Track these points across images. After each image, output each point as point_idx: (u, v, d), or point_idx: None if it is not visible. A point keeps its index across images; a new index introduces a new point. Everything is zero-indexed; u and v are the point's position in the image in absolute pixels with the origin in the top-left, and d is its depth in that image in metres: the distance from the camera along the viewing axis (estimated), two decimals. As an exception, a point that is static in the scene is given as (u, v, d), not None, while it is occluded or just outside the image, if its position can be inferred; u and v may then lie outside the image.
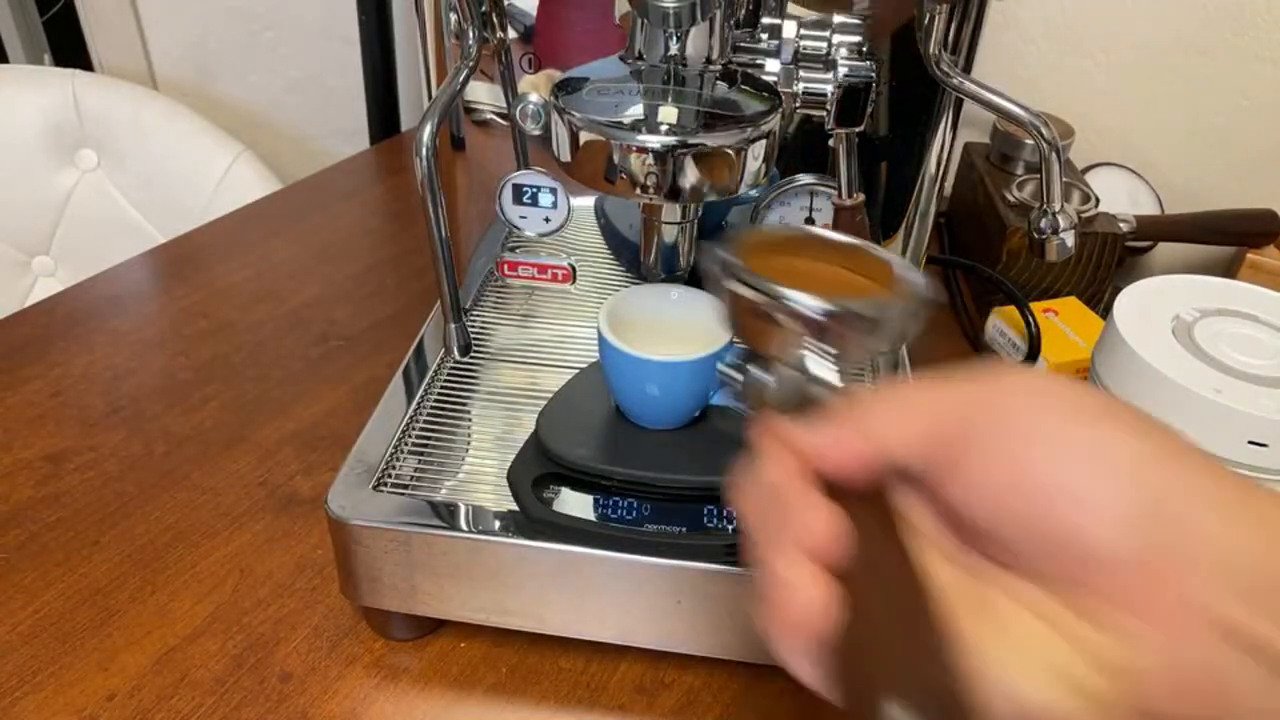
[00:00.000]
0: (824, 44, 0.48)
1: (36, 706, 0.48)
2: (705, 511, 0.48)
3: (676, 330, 0.51)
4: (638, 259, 0.54)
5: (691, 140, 0.40)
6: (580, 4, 0.51)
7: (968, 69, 0.52)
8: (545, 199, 0.54)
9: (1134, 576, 0.23)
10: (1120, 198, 0.90)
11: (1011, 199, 0.83)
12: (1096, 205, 0.80)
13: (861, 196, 0.50)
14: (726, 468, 0.49)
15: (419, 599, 0.49)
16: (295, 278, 0.84)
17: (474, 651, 0.52)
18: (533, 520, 0.47)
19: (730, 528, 0.47)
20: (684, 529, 0.47)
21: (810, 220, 0.57)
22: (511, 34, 0.53)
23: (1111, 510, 0.23)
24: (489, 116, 0.57)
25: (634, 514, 0.48)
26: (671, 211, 0.50)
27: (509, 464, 0.50)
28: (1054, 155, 0.46)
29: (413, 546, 0.47)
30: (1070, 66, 0.92)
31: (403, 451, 0.53)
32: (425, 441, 0.54)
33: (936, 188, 0.57)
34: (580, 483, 0.49)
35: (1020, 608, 0.24)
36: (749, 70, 0.46)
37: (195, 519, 0.59)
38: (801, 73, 0.46)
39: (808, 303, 0.31)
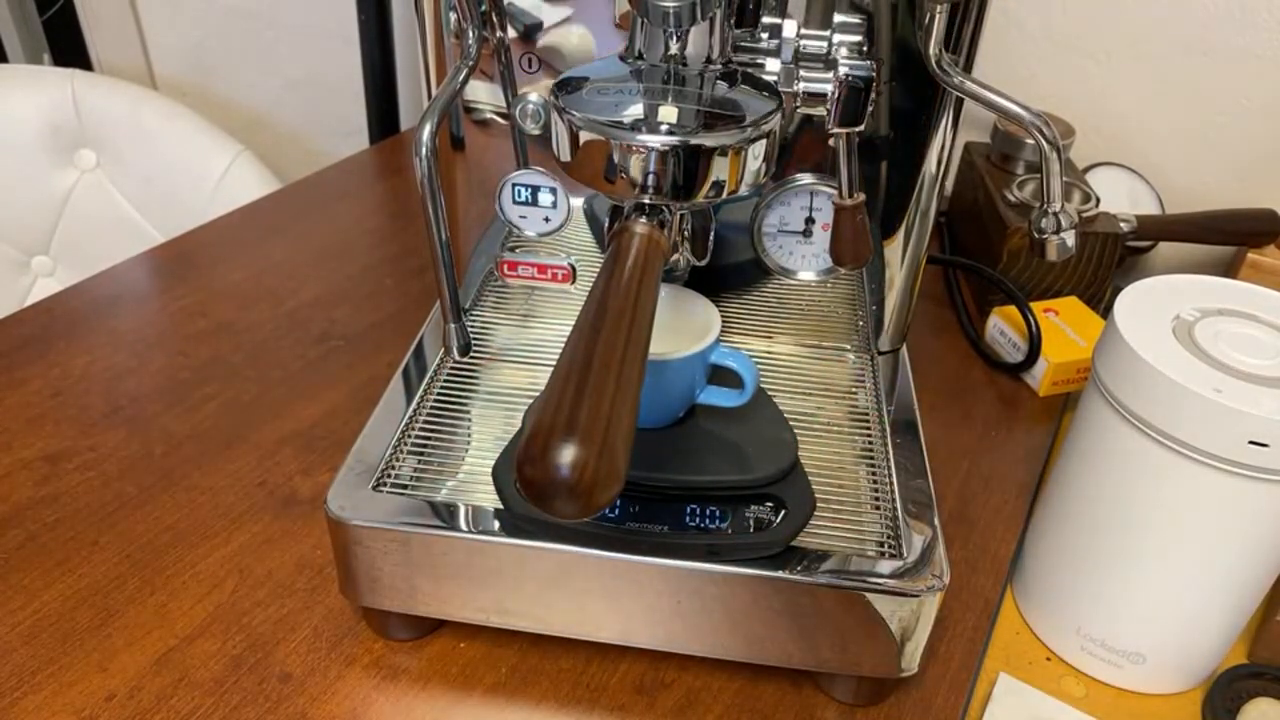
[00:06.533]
0: (824, 43, 0.48)
1: (36, 707, 0.48)
2: (693, 511, 0.48)
3: (663, 329, 0.50)
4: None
5: (691, 140, 0.40)
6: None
7: (968, 68, 0.52)
8: (545, 199, 0.54)
9: None
10: (1120, 197, 0.90)
11: (1012, 199, 0.83)
12: (1097, 205, 0.80)
13: (862, 196, 0.49)
14: (714, 467, 0.49)
15: (418, 599, 0.49)
16: (294, 278, 0.84)
17: (473, 652, 0.52)
18: (515, 515, 0.47)
19: (724, 526, 0.47)
20: (668, 528, 0.47)
21: (810, 220, 0.57)
22: (511, 33, 0.53)
23: None
24: (489, 116, 0.57)
25: (622, 513, 0.48)
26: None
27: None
28: (1054, 155, 0.46)
29: (412, 547, 0.47)
30: (1071, 66, 0.92)
31: (402, 452, 0.52)
32: (425, 441, 0.53)
33: (937, 187, 0.57)
34: None
35: None
36: (749, 70, 0.46)
37: (194, 519, 0.59)
38: (802, 72, 0.46)
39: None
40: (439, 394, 0.57)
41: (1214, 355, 0.46)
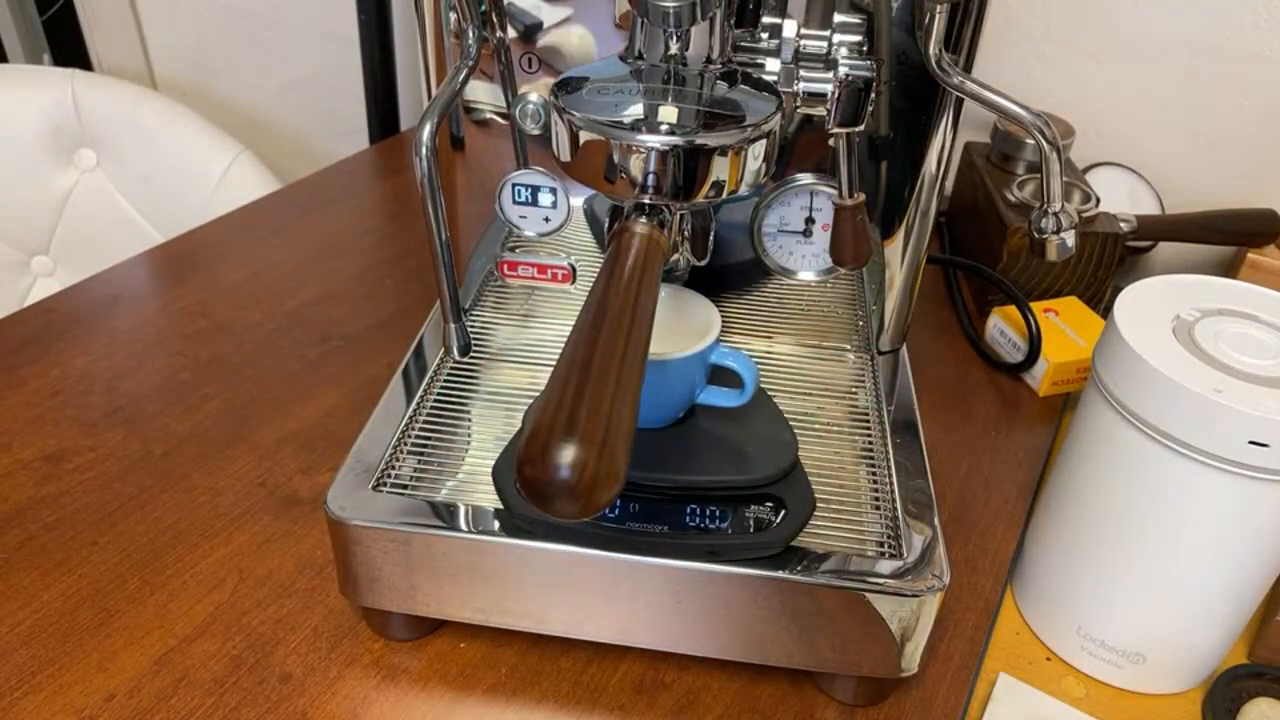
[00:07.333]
0: (824, 43, 0.48)
1: (35, 707, 0.48)
2: (693, 511, 0.48)
3: (663, 329, 0.50)
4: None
5: (691, 140, 0.40)
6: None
7: (968, 68, 0.52)
8: (545, 199, 0.54)
9: None
10: (1120, 197, 0.90)
11: (1012, 198, 0.83)
12: (1097, 205, 0.80)
13: (862, 196, 0.49)
14: (714, 467, 0.49)
15: (418, 599, 0.49)
16: (295, 278, 0.84)
17: (473, 652, 0.52)
18: (515, 515, 0.47)
19: (724, 526, 0.47)
20: (668, 528, 0.47)
21: (810, 220, 0.57)
22: (511, 33, 0.53)
23: None
24: (489, 116, 0.57)
25: (622, 513, 0.48)
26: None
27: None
28: (1054, 155, 0.46)
29: (412, 547, 0.47)
30: (1070, 66, 0.92)
31: (402, 451, 0.52)
32: (425, 441, 0.53)
33: (937, 187, 0.57)
34: None
35: None
36: (749, 70, 0.46)
37: (194, 519, 0.59)
38: (802, 72, 0.46)
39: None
40: (439, 394, 0.57)
41: (1214, 355, 0.46)
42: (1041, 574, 0.55)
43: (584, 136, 0.41)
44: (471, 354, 0.59)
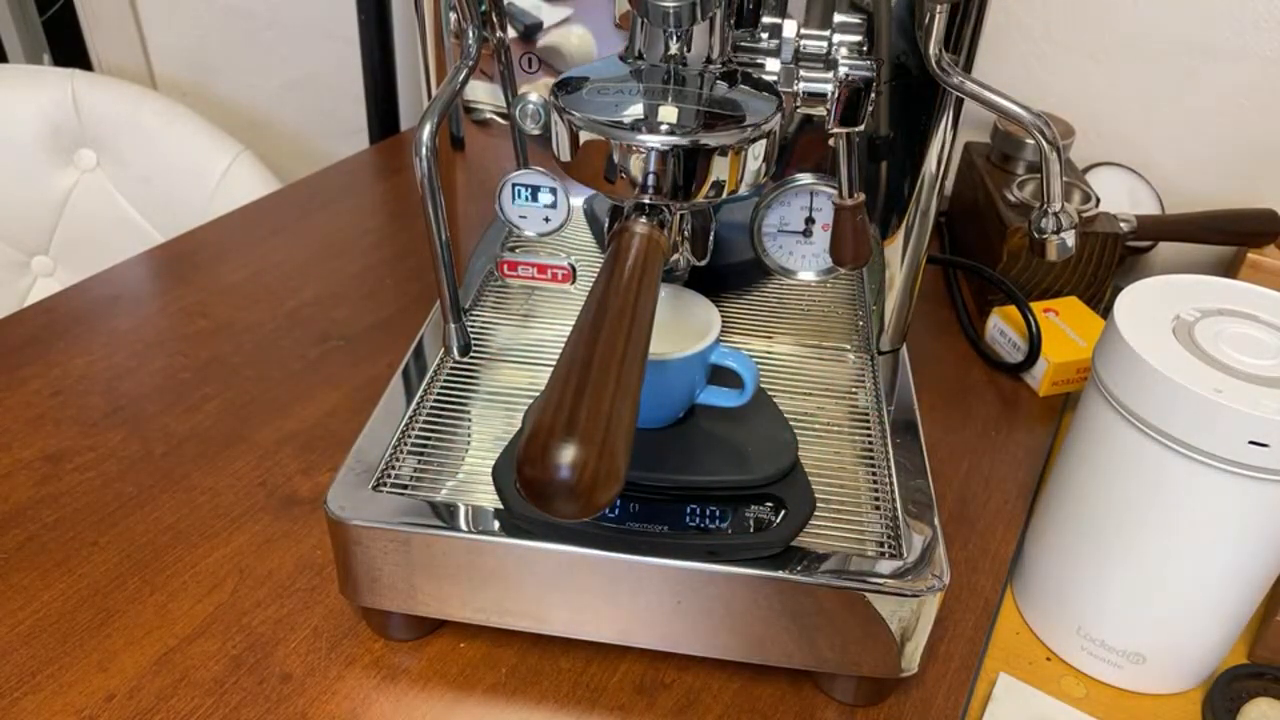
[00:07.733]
0: (824, 43, 0.48)
1: (36, 707, 0.48)
2: (693, 511, 0.48)
3: (663, 329, 0.51)
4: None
5: (691, 140, 0.40)
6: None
7: (968, 68, 0.52)
8: (545, 199, 0.54)
9: None
10: (1120, 197, 0.90)
11: (1012, 198, 0.83)
12: (1097, 205, 0.80)
13: (862, 196, 0.50)
14: (714, 467, 0.49)
15: (418, 599, 0.49)
16: (295, 278, 0.84)
17: (473, 652, 0.52)
18: (515, 515, 0.47)
19: (724, 526, 0.47)
20: (668, 528, 0.47)
21: (810, 220, 0.57)
22: (511, 33, 0.53)
23: None
24: (489, 116, 0.57)
25: (622, 513, 0.48)
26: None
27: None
28: (1054, 155, 0.46)
29: (412, 547, 0.47)
30: (1070, 66, 0.92)
31: (402, 452, 0.52)
32: (425, 442, 0.54)
33: (937, 187, 0.57)
34: None
35: None
36: (749, 70, 0.46)
37: (194, 519, 0.59)
38: (802, 72, 0.46)
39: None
40: (439, 394, 0.57)
41: (1214, 355, 0.46)
42: (1041, 574, 0.55)
43: (584, 136, 0.41)
44: (471, 354, 0.58)
